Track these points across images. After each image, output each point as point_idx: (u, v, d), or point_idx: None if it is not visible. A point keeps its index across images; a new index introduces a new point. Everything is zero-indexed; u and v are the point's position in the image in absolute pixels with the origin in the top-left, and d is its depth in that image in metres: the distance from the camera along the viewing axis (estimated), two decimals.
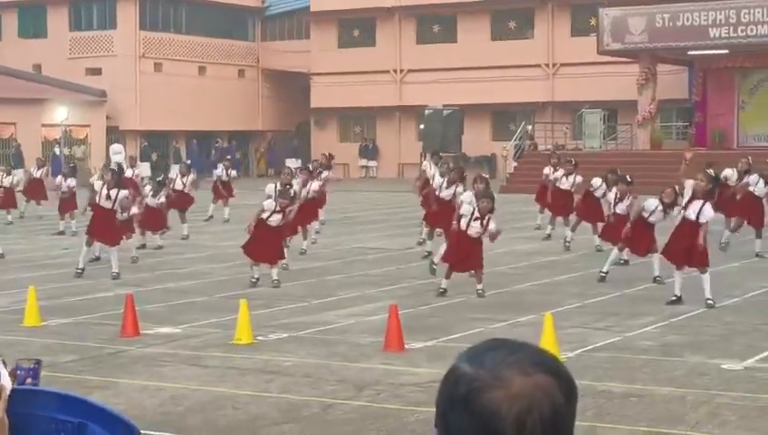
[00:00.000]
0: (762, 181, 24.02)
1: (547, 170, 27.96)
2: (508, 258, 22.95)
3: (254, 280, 19.34)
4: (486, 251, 18.73)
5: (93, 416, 4.15)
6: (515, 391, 1.98)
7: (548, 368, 2.03)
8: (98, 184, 22.87)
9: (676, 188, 19.02)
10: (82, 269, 20.89)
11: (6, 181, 32.77)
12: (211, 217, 32.79)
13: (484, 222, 18.00)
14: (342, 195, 34.77)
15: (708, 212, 17.08)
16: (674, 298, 16.95)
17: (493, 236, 18.28)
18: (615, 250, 20.01)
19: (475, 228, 18.01)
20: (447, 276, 18.28)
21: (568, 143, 52.61)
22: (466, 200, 19.27)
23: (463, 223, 18.14)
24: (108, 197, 21.33)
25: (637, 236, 19.10)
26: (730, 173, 25.46)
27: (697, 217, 16.91)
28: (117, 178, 22.33)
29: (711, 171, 20.30)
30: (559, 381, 2.02)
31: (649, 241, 19.14)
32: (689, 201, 17.17)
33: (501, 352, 2.06)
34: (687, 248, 17.05)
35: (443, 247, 19.67)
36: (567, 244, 24.78)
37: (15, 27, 65.97)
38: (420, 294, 18.34)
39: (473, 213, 18.11)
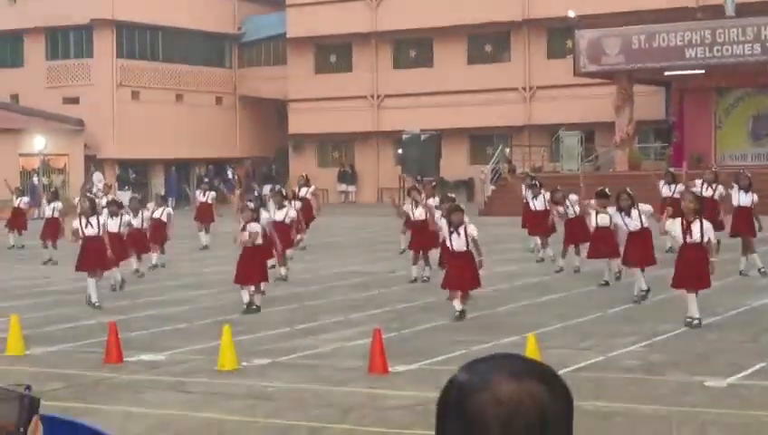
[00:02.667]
0: (742, 192, 24.10)
1: (524, 192, 28.80)
2: (488, 280, 22.92)
3: (245, 305, 19.36)
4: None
5: None
6: (502, 396, 1.97)
7: (541, 376, 2.03)
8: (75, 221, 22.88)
9: (628, 190, 19.69)
10: (96, 304, 20.50)
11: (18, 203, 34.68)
12: (206, 246, 32.74)
13: (461, 232, 17.98)
14: (322, 220, 34.71)
15: (710, 228, 17.18)
16: (697, 321, 16.67)
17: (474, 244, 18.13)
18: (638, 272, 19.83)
19: (456, 241, 18.01)
20: (453, 297, 18.17)
21: (546, 165, 52.75)
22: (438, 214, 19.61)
23: (445, 237, 18.36)
24: (88, 225, 21.38)
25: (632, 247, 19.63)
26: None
27: (702, 239, 16.92)
28: (93, 206, 22.42)
29: (695, 189, 20.62)
30: (551, 391, 2.00)
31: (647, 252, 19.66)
32: (687, 227, 17.03)
33: (494, 361, 2.07)
34: (696, 272, 16.94)
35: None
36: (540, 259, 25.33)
37: None
38: (403, 318, 18.33)
39: (449, 229, 18.17)
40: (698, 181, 26.67)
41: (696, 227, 16.89)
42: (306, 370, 14.10)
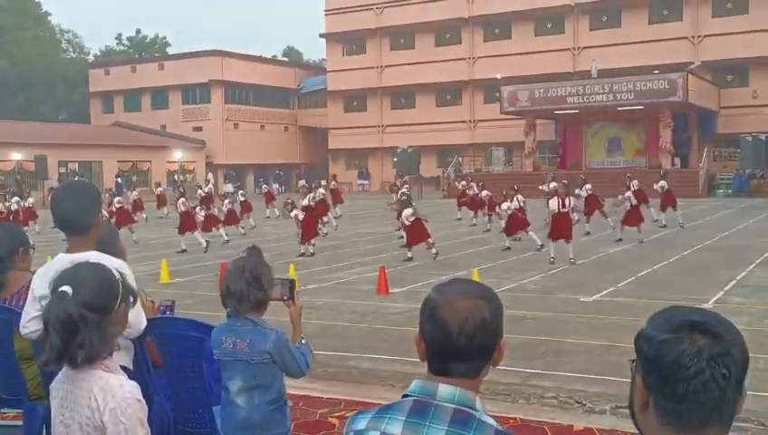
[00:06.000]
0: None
1: (459, 185, 28.68)
2: (447, 238, 22.92)
3: (309, 253, 19.35)
4: (432, 233, 18.65)
5: (209, 333, 4.16)
6: (458, 308, 1.98)
7: (482, 295, 2.03)
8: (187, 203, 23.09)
9: (564, 182, 19.57)
10: (184, 249, 21.07)
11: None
12: (268, 216, 32.70)
13: (402, 216, 18.41)
14: (348, 202, 34.72)
15: (572, 202, 17.64)
16: (552, 260, 16.96)
17: (407, 221, 18.32)
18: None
19: (406, 216, 18.25)
20: (409, 249, 18.28)
21: (483, 168, 52.64)
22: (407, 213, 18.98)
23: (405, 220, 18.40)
24: (183, 205, 22.29)
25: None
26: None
27: (567, 208, 17.31)
28: (181, 194, 23.18)
29: (565, 181, 20.52)
30: (488, 304, 2.01)
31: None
32: (561, 202, 17.39)
33: (454, 286, 2.06)
34: (564, 228, 17.15)
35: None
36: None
37: (149, 103, 65.97)
38: (398, 260, 18.30)
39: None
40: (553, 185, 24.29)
41: (567, 201, 17.38)
42: (339, 291, 14.12)
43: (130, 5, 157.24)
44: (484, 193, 26.51)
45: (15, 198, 26.70)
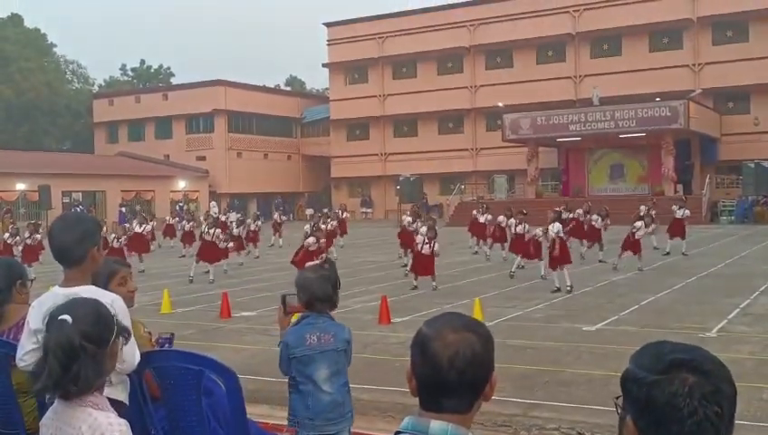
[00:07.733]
0: (599, 217, 23.93)
1: (474, 212, 28.39)
2: (451, 266, 22.87)
3: None
4: (436, 262, 18.61)
5: (207, 365, 4.13)
6: (448, 342, 1.97)
7: (472, 329, 2.02)
8: (203, 227, 22.96)
9: (522, 211, 19.70)
10: (192, 278, 20.86)
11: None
12: (272, 245, 32.69)
13: (431, 245, 17.86)
14: (352, 230, 34.69)
15: (558, 228, 17.36)
16: (556, 289, 16.87)
17: (436, 255, 18.09)
18: (518, 258, 20.05)
19: (425, 248, 17.92)
20: (416, 278, 18.22)
21: (486, 195, 52.68)
22: (421, 232, 19.09)
23: (419, 247, 18.14)
24: (209, 233, 21.47)
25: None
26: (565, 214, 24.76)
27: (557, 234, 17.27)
28: (214, 223, 22.54)
29: (559, 209, 20.48)
30: (478, 337, 2.00)
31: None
32: (545, 229, 17.51)
33: (444, 319, 2.05)
34: (564, 255, 17.11)
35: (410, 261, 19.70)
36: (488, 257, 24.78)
37: (153, 133, 66.21)
38: (400, 289, 18.27)
39: (423, 240, 18.08)
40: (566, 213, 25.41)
41: (550, 227, 17.40)
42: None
43: (135, 36, 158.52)
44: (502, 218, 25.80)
45: (37, 235, 25.32)
